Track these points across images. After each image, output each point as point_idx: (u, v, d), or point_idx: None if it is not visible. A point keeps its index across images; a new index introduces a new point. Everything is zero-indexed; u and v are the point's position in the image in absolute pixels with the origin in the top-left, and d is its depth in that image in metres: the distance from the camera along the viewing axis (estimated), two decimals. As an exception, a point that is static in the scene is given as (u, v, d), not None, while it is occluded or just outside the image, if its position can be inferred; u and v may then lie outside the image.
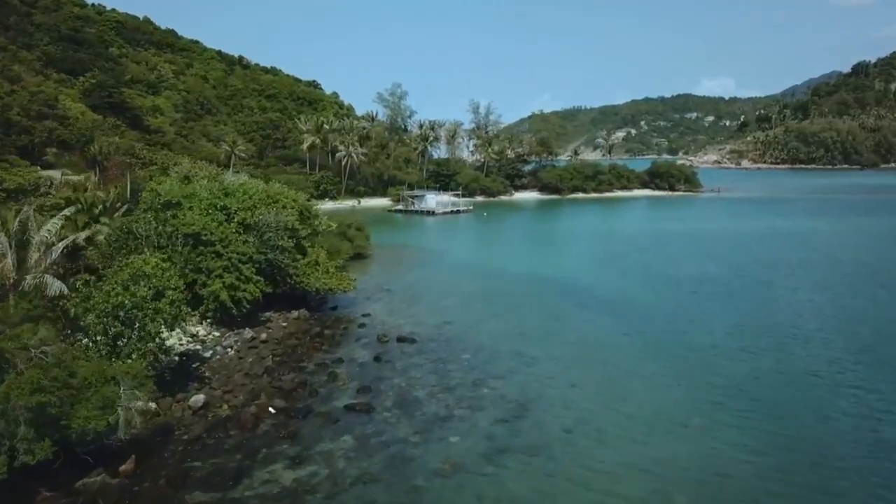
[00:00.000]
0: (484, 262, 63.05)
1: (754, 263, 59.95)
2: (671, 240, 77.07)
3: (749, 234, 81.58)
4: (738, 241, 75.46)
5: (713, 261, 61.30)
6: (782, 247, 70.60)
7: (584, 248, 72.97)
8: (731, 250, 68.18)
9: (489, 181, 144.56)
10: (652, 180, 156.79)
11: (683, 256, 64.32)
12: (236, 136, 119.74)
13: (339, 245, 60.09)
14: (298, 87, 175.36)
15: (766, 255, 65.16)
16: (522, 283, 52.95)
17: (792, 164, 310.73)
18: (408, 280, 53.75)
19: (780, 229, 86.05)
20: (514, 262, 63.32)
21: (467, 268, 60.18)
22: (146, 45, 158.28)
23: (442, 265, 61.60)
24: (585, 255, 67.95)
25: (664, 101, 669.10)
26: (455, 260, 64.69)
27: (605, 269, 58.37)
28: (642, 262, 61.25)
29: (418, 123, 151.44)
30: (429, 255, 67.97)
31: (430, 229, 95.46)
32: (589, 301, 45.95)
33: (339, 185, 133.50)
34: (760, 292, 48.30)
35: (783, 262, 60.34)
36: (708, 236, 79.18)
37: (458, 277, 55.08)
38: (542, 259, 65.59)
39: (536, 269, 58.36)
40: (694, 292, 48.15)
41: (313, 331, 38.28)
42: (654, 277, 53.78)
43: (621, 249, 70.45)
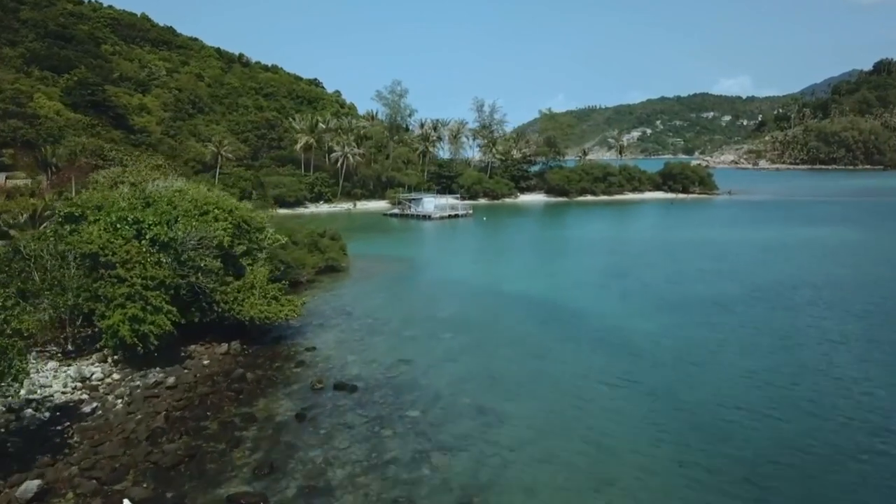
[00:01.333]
0: (469, 278, 55.68)
1: (775, 283, 51.80)
2: (682, 251, 69.10)
3: (769, 244, 73.36)
4: (756, 253, 67.33)
5: (727, 279, 53.34)
6: (807, 261, 62.39)
7: (585, 261, 65.30)
8: (748, 266, 60.12)
9: (493, 183, 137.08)
10: (665, 182, 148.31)
11: (694, 274, 56.41)
12: (223, 137, 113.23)
13: (304, 258, 53.10)
14: (299, 85, 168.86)
15: (789, 271, 57.00)
16: (506, 306, 45.52)
17: (812, 165, 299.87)
18: (375, 301, 46.47)
19: (803, 239, 77.72)
20: (504, 277, 55.90)
21: (449, 285, 52.85)
22: (141, 42, 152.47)
23: (421, 281, 54.33)
24: (585, 269, 60.26)
25: (680, 100, 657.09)
26: (438, 274, 57.39)
27: (605, 290, 50.65)
28: (648, 281, 53.46)
29: (419, 122, 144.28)
30: (411, 268, 60.71)
31: (422, 236, 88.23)
32: (580, 333, 38.35)
33: (336, 187, 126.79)
34: (783, 323, 40.26)
35: (808, 282, 52.12)
36: (723, 247, 71.12)
37: (434, 298, 47.74)
38: (535, 274, 58.02)
39: (526, 288, 50.88)
40: (704, 323, 40.27)
41: (236, 372, 31.07)
42: (661, 301, 46.02)
43: (626, 263, 62.64)
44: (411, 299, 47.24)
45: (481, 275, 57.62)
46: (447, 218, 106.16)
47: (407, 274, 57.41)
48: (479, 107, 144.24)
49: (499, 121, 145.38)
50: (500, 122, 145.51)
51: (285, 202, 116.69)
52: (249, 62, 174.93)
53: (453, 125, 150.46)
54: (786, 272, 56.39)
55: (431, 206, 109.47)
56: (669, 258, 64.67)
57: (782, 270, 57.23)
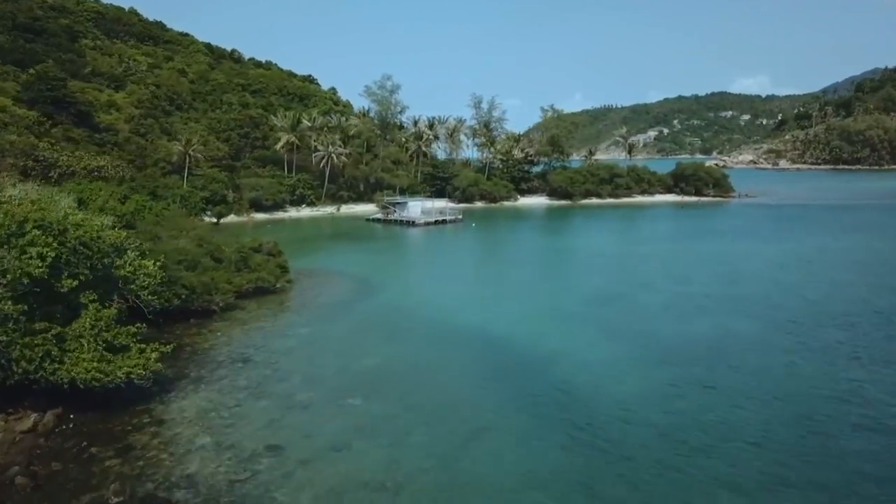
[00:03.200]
0: (425, 306, 45.39)
1: (799, 316, 40.64)
2: (687, 268, 58.10)
3: (789, 260, 61.97)
4: (775, 272, 55.80)
5: (740, 311, 42.38)
6: (837, 282, 51.12)
7: (571, 281, 54.63)
8: (766, 291, 48.83)
9: (490, 185, 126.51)
10: (676, 184, 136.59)
11: (700, 301, 45.56)
12: (193, 135, 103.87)
13: (221, 280, 43.13)
14: (291, 82, 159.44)
15: (815, 297, 45.77)
16: (453, 349, 35.16)
17: (834, 165, 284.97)
18: (290, 342, 36.32)
19: (829, 251, 66.35)
20: (467, 305, 45.54)
21: (397, 316, 42.63)
22: (125, 37, 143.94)
23: (364, 311, 44.07)
24: (569, 293, 49.60)
25: (698, 99, 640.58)
26: (391, 301, 47.15)
27: (585, 324, 39.94)
28: (643, 311, 42.76)
29: (413, 120, 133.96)
30: (363, 290, 50.48)
31: (397, 246, 78.00)
32: (537, 398, 27.91)
33: (320, 189, 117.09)
34: (822, 389, 29.42)
35: (849, 320, 40.66)
36: (737, 264, 60.02)
37: (367, 338, 37.47)
38: (505, 300, 47.55)
39: (489, 321, 40.48)
40: (709, 387, 29.43)
41: (10, 471, 21.18)
42: (653, 344, 35.33)
43: (620, 284, 51.87)
44: (337, 339, 37.06)
45: (442, 301, 47.29)
46: (433, 224, 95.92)
47: (353, 299, 47.23)
48: (477, 103, 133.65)
49: (498, 118, 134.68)
50: (499, 119, 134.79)
51: (262, 205, 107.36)
52: (241, 58, 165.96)
53: (451, 123, 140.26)
54: (811, 299, 45.26)
55: (417, 210, 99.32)
56: (671, 278, 53.79)
57: (807, 297, 46.04)
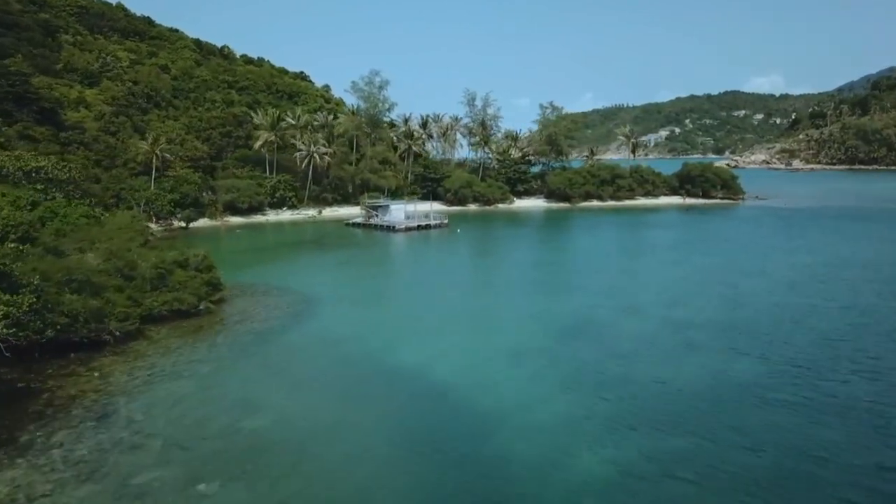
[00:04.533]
0: (358, 338, 37.50)
1: (822, 363, 31.97)
2: (687, 289, 49.75)
3: (807, 278, 53.10)
4: (791, 297, 46.71)
5: (743, 351, 34.17)
6: (866, 313, 41.65)
7: (548, 306, 46.25)
8: (779, 321, 40.20)
9: (484, 186, 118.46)
10: (682, 185, 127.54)
11: (695, 336, 37.29)
12: (165, 134, 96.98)
13: (117, 303, 35.73)
14: (282, 79, 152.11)
15: (840, 335, 36.78)
16: (366, 406, 27.31)
17: (850, 165, 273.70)
18: (168, 392, 28.75)
19: (856, 268, 57.46)
20: (410, 336, 37.72)
21: (316, 352, 35.00)
22: (109, 32, 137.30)
23: (281, 345, 36.35)
24: (542, 322, 41.47)
25: (711, 98, 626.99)
26: (320, 330, 39.44)
27: (550, 370, 31.80)
28: (623, 351, 34.61)
29: (404, 118, 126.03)
30: (294, 314, 42.83)
31: (364, 256, 70.07)
32: (467, 482, 20.15)
33: (303, 191, 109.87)
34: (838, 472, 21.43)
35: (873, 365, 32.01)
36: (744, 284, 51.43)
37: (266, 385, 29.85)
38: (463, 332, 39.56)
39: (432, 362, 32.69)
40: (692, 471, 21.61)
41: None
42: (628, 401, 27.33)
43: (602, 314, 43.68)
44: (236, 385, 29.49)
45: (385, 330, 39.55)
46: (416, 229, 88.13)
47: (283, 326, 39.63)
48: (471, 100, 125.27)
49: (493, 115, 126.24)
50: (494, 117, 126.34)
51: (239, 209, 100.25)
52: (232, 55, 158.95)
53: (446, 121, 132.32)
54: (826, 332, 36.67)
55: (400, 214, 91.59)
56: (664, 300, 45.62)
57: (821, 329, 37.39)
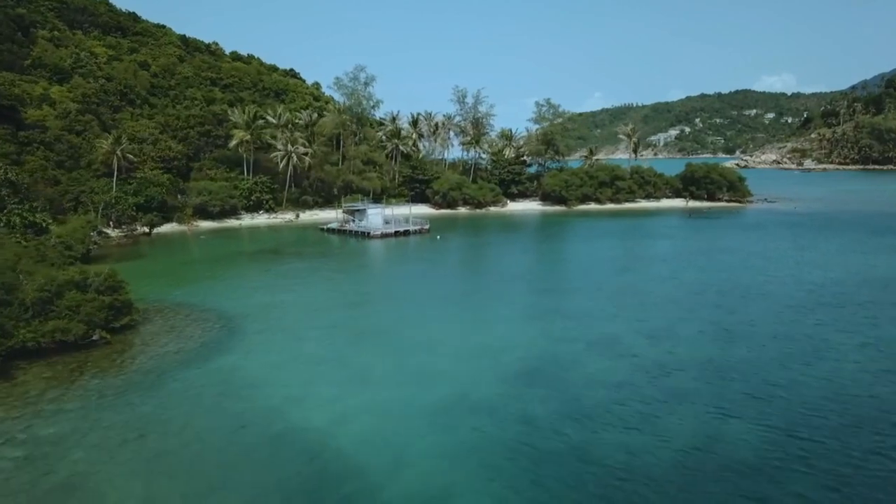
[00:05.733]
0: (258, 385, 30.49)
1: (832, 436, 24.62)
2: (675, 315, 42.41)
3: (816, 302, 45.50)
4: (795, 327, 38.90)
5: (733, 411, 26.84)
6: (891, 353, 34.86)
7: (508, 338, 38.99)
8: (781, 365, 33.18)
9: (475, 188, 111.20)
10: (686, 187, 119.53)
11: (673, 385, 30.01)
12: (136, 133, 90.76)
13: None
14: (270, 76, 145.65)
15: (851, 383, 29.33)
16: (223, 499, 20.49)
17: (864, 165, 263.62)
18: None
19: (874, 286, 49.87)
20: (323, 383, 30.53)
21: (200, 408, 28.11)
22: (90, 27, 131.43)
23: (159, 396, 29.47)
24: (494, 361, 34.29)
25: (721, 97, 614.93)
26: (220, 372, 32.54)
27: (488, 442, 24.73)
28: (583, 409, 27.29)
29: (391, 116, 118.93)
30: (202, 347, 35.93)
31: (324, 269, 62.68)
32: None
33: (282, 193, 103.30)
34: None
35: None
36: (742, 311, 43.94)
37: (113, 460, 22.99)
38: (392, 379, 32.37)
39: (335, 427, 25.72)
40: None
41: None
42: (577, 491, 20.28)
43: (568, 350, 36.48)
44: (47, 468, 22.66)
45: (294, 373, 32.57)
46: (393, 235, 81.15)
47: (179, 364, 32.79)
48: (461, 98, 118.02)
49: (485, 113, 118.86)
50: (486, 115, 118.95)
51: (211, 212, 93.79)
52: (220, 51, 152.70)
53: (439, 119, 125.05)
54: (836, 382, 29.30)
55: (378, 219, 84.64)
56: (645, 332, 38.32)
57: (830, 378, 30.04)
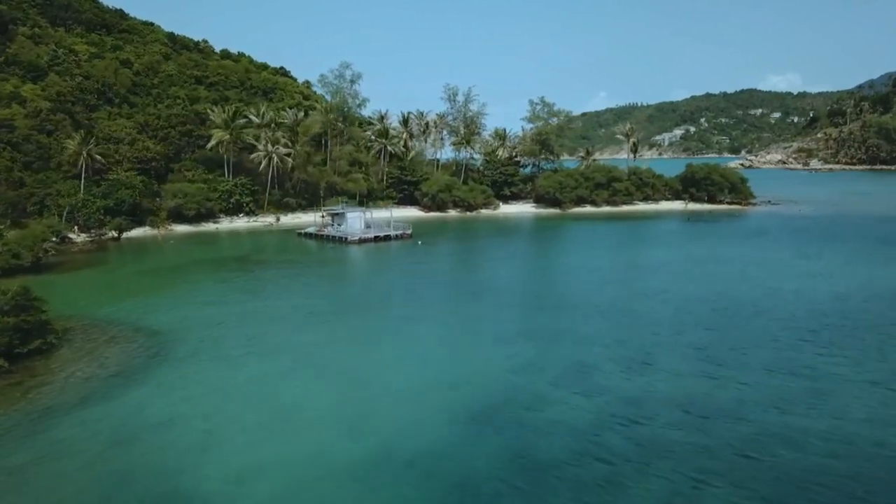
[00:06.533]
0: (171, 425, 25.82)
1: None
2: (655, 340, 37.32)
3: (822, 323, 40.15)
4: (797, 353, 33.79)
5: (711, 480, 22.03)
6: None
7: (463, 373, 34.18)
8: (780, 398, 28.20)
9: (465, 190, 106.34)
10: (685, 189, 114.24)
11: (643, 436, 25.10)
12: (92, 133, 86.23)
13: None
14: (259, 74, 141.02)
15: (860, 436, 24.83)
16: None
17: (871, 165, 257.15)
18: None
19: (891, 302, 44.87)
20: (239, 435, 25.86)
21: (102, 454, 23.38)
22: (72, 23, 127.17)
23: (48, 442, 24.89)
24: (440, 403, 29.50)
25: (727, 96, 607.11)
26: (131, 410, 27.91)
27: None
28: (530, 461, 22.64)
29: (379, 114, 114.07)
30: (124, 374, 31.32)
31: (288, 278, 57.85)
32: None
33: (263, 195, 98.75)
34: None
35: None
36: (733, 337, 38.89)
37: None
38: (304, 435, 27.72)
39: (231, 500, 20.99)
40: None
41: None
42: None
43: (531, 388, 31.56)
44: None
45: (212, 411, 27.82)
46: (372, 241, 76.34)
47: (79, 401, 28.14)
48: (452, 96, 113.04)
49: (476, 112, 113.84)
50: (477, 114, 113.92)
51: (185, 216, 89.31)
52: (208, 49, 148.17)
53: (431, 118, 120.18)
54: (849, 432, 24.55)
55: (357, 223, 79.91)
56: (616, 362, 33.42)
57: (837, 422, 25.32)
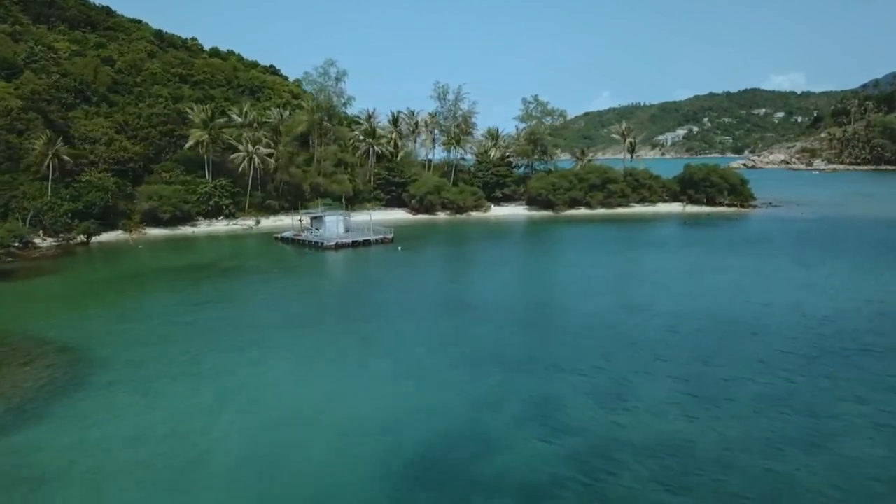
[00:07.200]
0: (49, 480, 22.00)
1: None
2: (633, 404, 33.27)
3: (823, 350, 35.86)
4: (796, 384, 29.83)
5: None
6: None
7: (386, 426, 30.04)
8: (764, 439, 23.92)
9: (455, 192, 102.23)
10: (684, 190, 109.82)
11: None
12: (54, 135, 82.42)
13: None
14: (247, 73, 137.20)
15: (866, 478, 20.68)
16: None
17: (876, 165, 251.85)
18: None
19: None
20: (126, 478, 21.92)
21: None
22: (55, 20, 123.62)
23: None
24: (371, 458, 25.47)
25: (730, 96, 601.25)
26: (14, 453, 24.03)
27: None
28: None
29: (367, 113, 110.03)
30: (19, 409, 27.45)
31: (249, 288, 53.72)
32: None
33: (244, 197, 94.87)
34: None
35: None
36: (742, 375, 34.75)
37: None
38: (214, 482, 23.77)
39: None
40: None
41: None
42: None
43: (485, 430, 27.45)
44: None
45: (105, 461, 23.86)
46: (350, 246, 72.36)
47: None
48: (442, 94, 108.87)
49: (467, 111, 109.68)
50: (468, 112, 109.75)
51: (159, 219, 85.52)
52: (196, 47, 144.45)
53: (424, 117, 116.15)
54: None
55: (335, 227, 75.91)
56: (590, 396, 29.35)
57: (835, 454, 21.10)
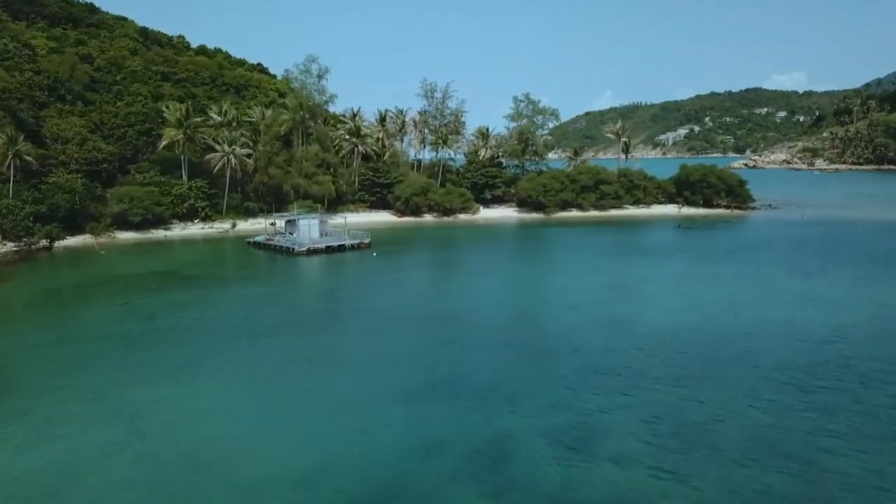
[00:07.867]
0: None
1: None
2: (606, 443, 29.18)
3: (822, 379, 31.80)
4: (820, 453, 25.67)
5: None
6: None
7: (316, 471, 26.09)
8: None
9: (442, 193, 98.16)
10: (680, 192, 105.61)
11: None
12: (16, 133, 78.44)
13: None
14: (233, 70, 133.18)
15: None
16: None
17: (878, 165, 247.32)
18: None
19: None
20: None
21: None
22: (35, 17, 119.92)
23: None
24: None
25: (731, 95, 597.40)
26: None
27: None
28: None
29: (352, 112, 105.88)
30: None
31: (204, 300, 49.46)
32: None
33: (221, 199, 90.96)
34: None
35: None
36: (734, 408, 30.48)
37: None
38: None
39: None
40: None
41: None
42: None
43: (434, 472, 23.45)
44: None
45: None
46: (324, 251, 68.35)
47: None
48: (429, 92, 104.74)
49: (455, 110, 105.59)
50: (456, 111, 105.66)
51: (131, 222, 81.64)
52: (182, 44, 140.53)
53: (413, 116, 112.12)
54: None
55: (309, 231, 71.92)
56: (549, 436, 25.27)
57: None
